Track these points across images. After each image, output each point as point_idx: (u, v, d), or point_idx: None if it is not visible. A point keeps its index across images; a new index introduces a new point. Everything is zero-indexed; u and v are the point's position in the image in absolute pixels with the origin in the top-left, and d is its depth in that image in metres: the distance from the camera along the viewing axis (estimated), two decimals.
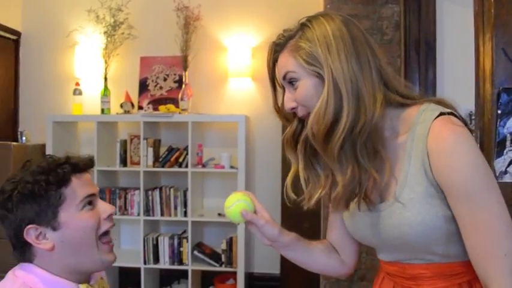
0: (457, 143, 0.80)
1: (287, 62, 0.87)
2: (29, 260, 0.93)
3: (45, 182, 0.90)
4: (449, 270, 0.88)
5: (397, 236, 0.87)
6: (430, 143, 0.82)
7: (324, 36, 0.84)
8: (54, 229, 0.91)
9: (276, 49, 0.91)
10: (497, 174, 1.35)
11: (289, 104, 0.90)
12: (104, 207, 0.98)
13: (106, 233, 0.98)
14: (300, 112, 0.90)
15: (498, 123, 1.33)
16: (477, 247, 0.79)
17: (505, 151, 1.34)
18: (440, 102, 0.89)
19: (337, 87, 0.82)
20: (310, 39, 0.84)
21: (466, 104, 1.80)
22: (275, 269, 3.29)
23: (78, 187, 0.94)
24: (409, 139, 0.86)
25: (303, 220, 2.53)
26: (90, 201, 0.95)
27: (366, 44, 0.86)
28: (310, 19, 0.88)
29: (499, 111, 1.33)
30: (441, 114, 0.84)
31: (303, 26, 0.87)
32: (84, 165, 0.97)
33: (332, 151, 0.84)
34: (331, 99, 0.82)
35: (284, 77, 0.89)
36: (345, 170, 0.85)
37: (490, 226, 0.78)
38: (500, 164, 1.34)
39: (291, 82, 0.88)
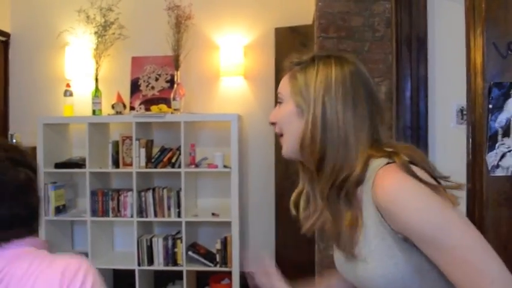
0: (398, 193, 0.80)
1: (282, 84, 0.98)
2: None
3: None
4: None
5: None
6: (375, 198, 0.83)
7: (323, 80, 0.90)
8: None
9: (286, 68, 0.99)
10: (489, 169, 1.36)
11: (271, 118, 0.99)
12: None
13: None
14: (276, 129, 0.99)
15: (489, 117, 1.34)
16: (461, 285, 0.76)
17: (496, 145, 1.35)
18: (398, 154, 0.85)
19: (324, 127, 0.89)
20: (307, 75, 0.92)
21: (458, 99, 1.81)
22: None
23: None
24: (363, 193, 0.87)
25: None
26: None
27: (367, 98, 0.91)
28: (322, 57, 0.94)
29: (491, 106, 1.34)
30: (387, 163, 0.84)
31: (311, 61, 0.94)
32: None
33: (310, 163, 0.92)
34: (309, 133, 0.90)
35: (277, 94, 1.00)
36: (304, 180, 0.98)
37: (465, 262, 0.75)
38: (492, 158, 1.35)
39: (279, 101, 0.98)
